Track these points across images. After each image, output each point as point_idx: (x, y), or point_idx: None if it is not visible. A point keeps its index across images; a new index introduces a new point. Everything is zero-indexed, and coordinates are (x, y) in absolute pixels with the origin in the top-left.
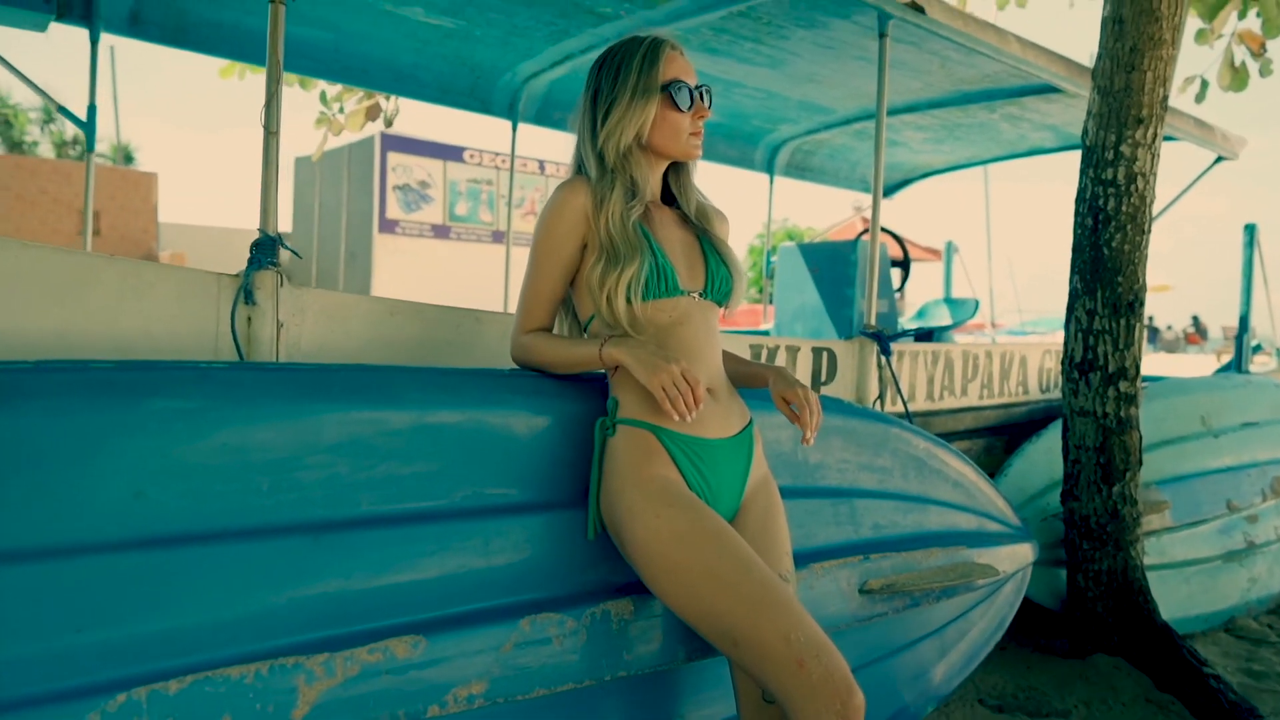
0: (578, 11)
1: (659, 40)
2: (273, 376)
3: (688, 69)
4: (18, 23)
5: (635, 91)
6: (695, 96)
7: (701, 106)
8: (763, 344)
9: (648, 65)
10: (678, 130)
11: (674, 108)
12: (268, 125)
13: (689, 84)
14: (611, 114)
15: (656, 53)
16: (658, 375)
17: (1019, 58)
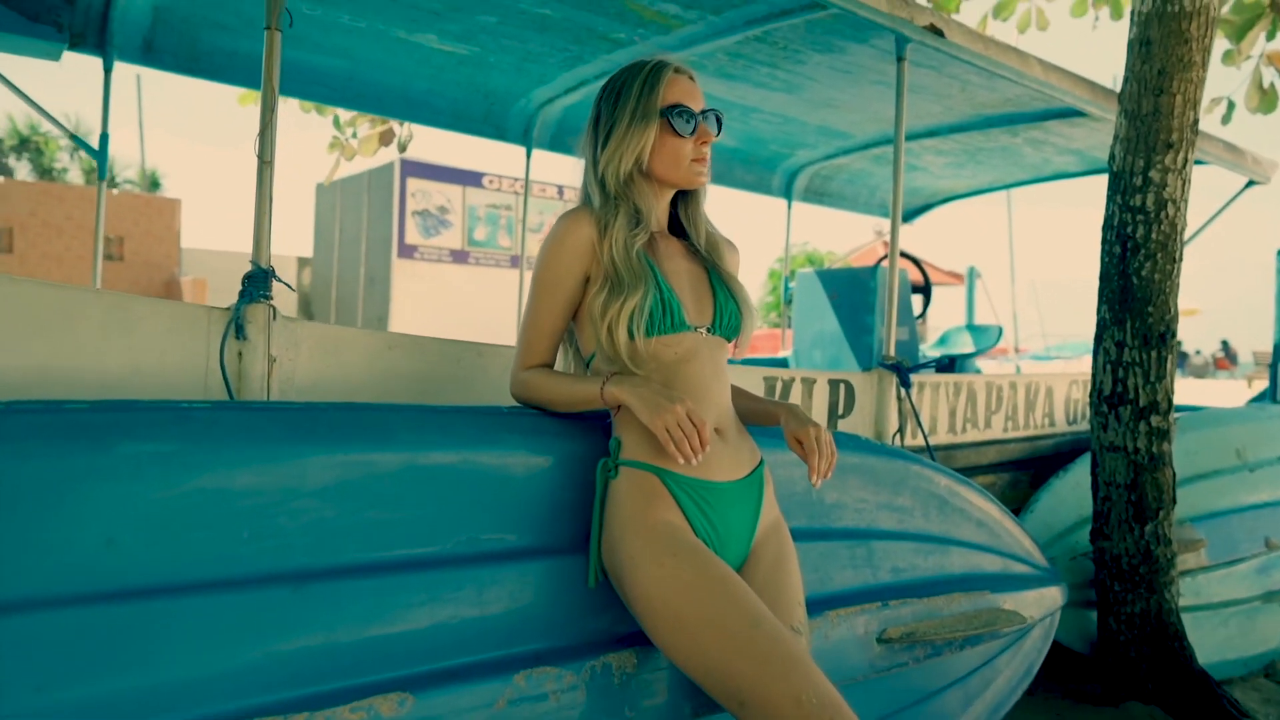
0: (591, 38)
1: (662, 64)
2: (255, 417)
3: (692, 93)
4: (32, 52)
5: (634, 116)
6: (698, 121)
7: (706, 132)
8: (778, 376)
9: (647, 90)
10: (678, 156)
11: (674, 133)
12: (261, 154)
13: (692, 108)
14: (610, 140)
15: (657, 77)
16: (661, 416)
17: (1041, 81)
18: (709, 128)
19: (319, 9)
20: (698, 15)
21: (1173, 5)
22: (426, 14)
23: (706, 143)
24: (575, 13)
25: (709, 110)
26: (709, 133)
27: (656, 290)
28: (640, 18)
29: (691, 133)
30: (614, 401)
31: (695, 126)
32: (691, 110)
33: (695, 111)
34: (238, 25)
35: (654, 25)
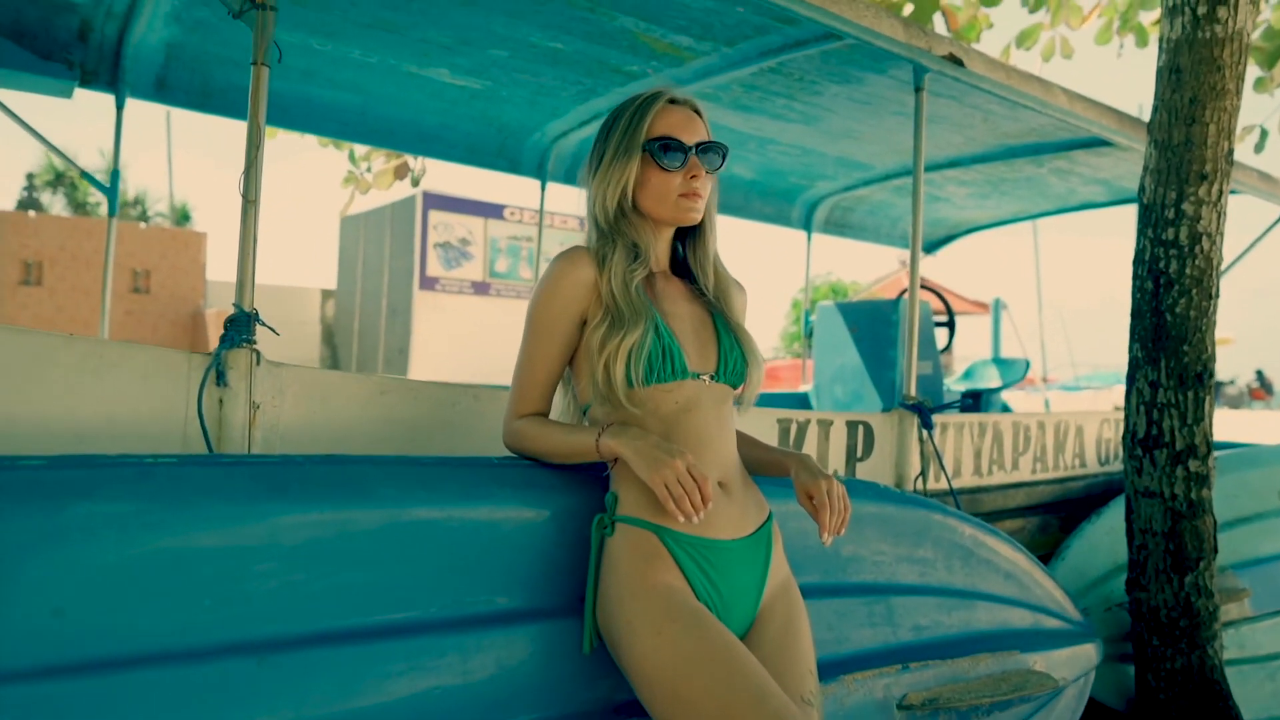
0: (604, 70)
1: (655, 94)
2: (223, 472)
3: (686, 124)
4: (44, 90)
5: (618, 149)
6: (689, 155)
7: (696, 166)
8: (792, 418)
9: (635, 121)
10: (664, 191)
11: (658, 167)
12: (246, 192)
13: (683, 140)
14: (597, 173)
15: (646, 108)
16: (660, 471)
17: (1065, 110)
18: (702, 162)
19: (330, 44)
20: (711, 47)
21: (1204, 31)
22: (437, 48)
23: (696, 177)
24: (587, 46)
25: (706, 143)
26: (699, 167)
27: (655, 333)
28: (653, 50)
29: (679, 166)
30: (609, 454)
31: (685, 160)
32: (680, 142)
33: (687, 144)
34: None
35: (667, 58)
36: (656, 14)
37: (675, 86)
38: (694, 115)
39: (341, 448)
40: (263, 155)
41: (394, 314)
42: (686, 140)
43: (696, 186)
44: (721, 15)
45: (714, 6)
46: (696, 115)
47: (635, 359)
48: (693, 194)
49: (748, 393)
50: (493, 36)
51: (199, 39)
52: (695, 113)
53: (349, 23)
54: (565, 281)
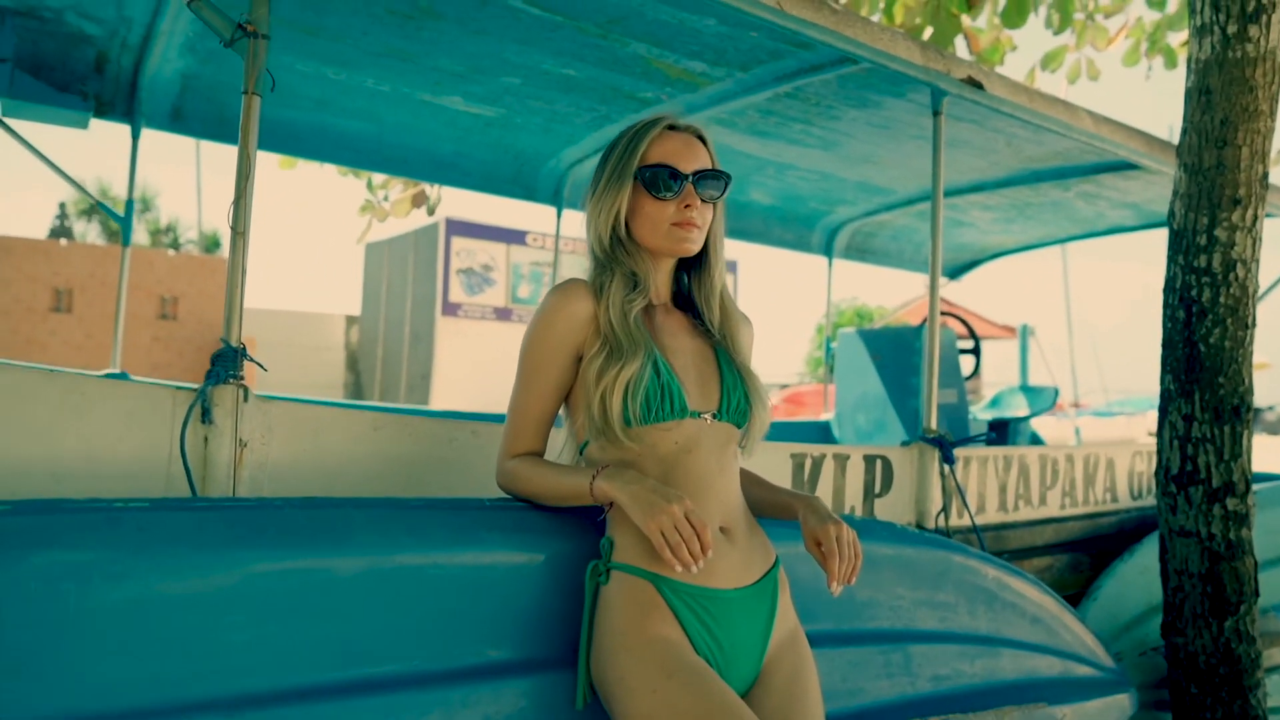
0: (618, 97)
1: (653, 120)
2: (195, 518)
3: (683, 151)
4: (59, 120)
5: (610, 176)
6: (684, 183)
7: (691, 194)
8: (806, 453)
9: (630, 148)
10: (655, 220)
11: (649, 195)
12: (235, 224)
13: (678, 168)
14: (592, 201)
15: (642, 134)
16: (656, 517)
17: (1091, 133)
18: (698, 190)
19: (344, 73)
20: (725, 72)
21: (1234, 51)
22: (450, 76)
23: (691, 206)
24: (600, 72)
25: (705, 171)
26: (694, 196)
27: (653, 368)
28: (667, 76)
29: (672, 194)
30: (604, 498)
31: (679, 188)
32: (674, 169)
33: (682, 171)
34: (264, 93)
35: (681, 83)
36: (669, 40)
37: (688, 113)
38: (694, 142)
39: (333, 486)
40: (253, 186)
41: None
42: (683, 167)
43: (691, 216)
44: (735, 40)
45: (727, 32)
46: (699, 142)
47: (633, 393)
48: (687, 223)
49: (751, 435)
50: (505, 64)
51: (213, 69)
52: (699, 140)
53: (361, 52)
54: (560, 315)
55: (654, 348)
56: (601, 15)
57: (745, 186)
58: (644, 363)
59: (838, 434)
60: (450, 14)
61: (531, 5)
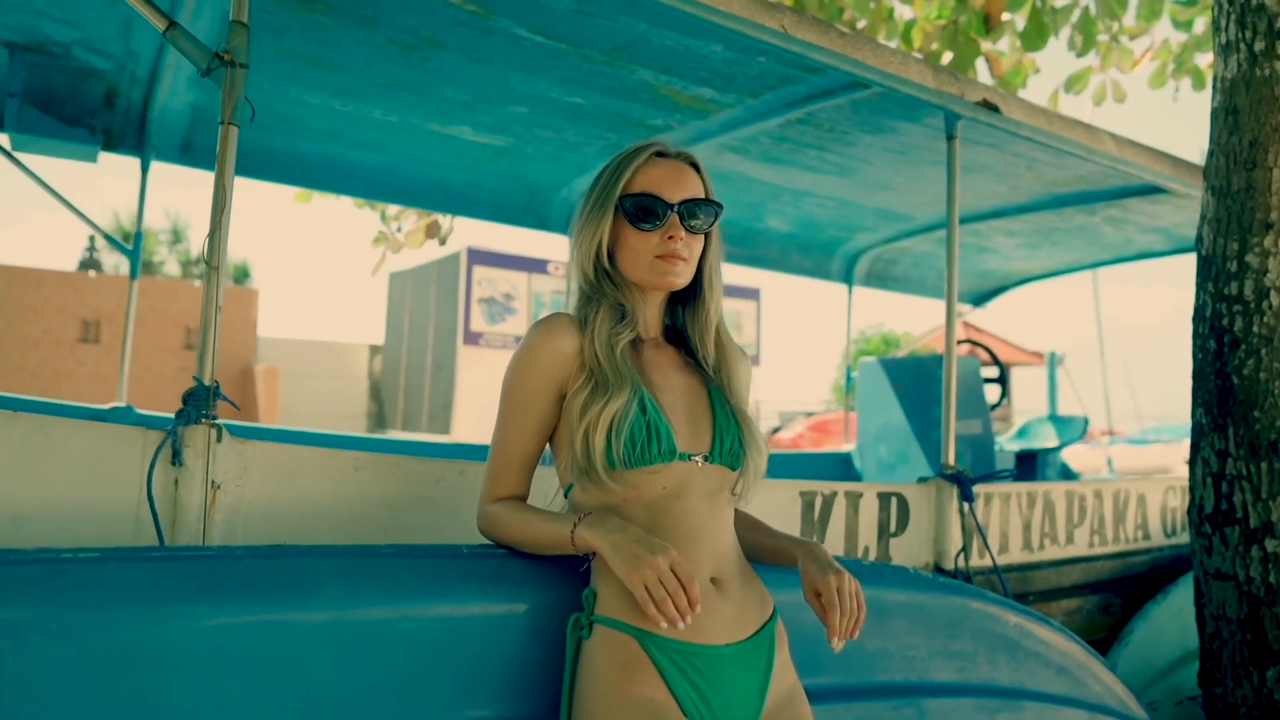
0: (627, 125)
1: (641, 146)
2: (147, 568)
3: (670, 179)
4: (68, 154)
5: (592, 206)
6: (670, 213)
7: (676, 225)
8: (816, 490)
9: (614, 176)
10: (638, 252)
11: (631, 225)
12: (209, 258)
13: (663, 197)
14: (574, 231)
15: (627, 161)
16: (639, 570)
17: (1114, 157)
18: (684, 221)
19: (351, 104)
20: (735, 99)
21: (1262, 69)
22: (457, 106)
23: (675, 238)
24: (608, 100)
25: (692, 201)
26: (678, 226)
27: (639, 407)
28: (675, 103)
29: (654, 225)
30: (585, 547)
31: (662, 218)
32: (658, 199)
33: (667, 200)
34: (273, 124)
35: (690, 110)
36: (675, 66)
37: (699, 140)
38: (684, 169)
39: (312, 530)
40: (229, 218)
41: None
42: (668, 196)
43: (675, 248)
44: (743, 66)
45: (734, 57)
46: (689, 170)
47: (617, 431)
48: (671, 256)
49: (746, 481)
50: (511, 93)
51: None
52: (691, 167)
53: (367, 83)
54: (542, 352)
55: (640, 384)
56: (605, 42)
57: (761, 214)
58: (630, 399)
59: (859, 466)
60: (453, 43)
61: (534, 33)
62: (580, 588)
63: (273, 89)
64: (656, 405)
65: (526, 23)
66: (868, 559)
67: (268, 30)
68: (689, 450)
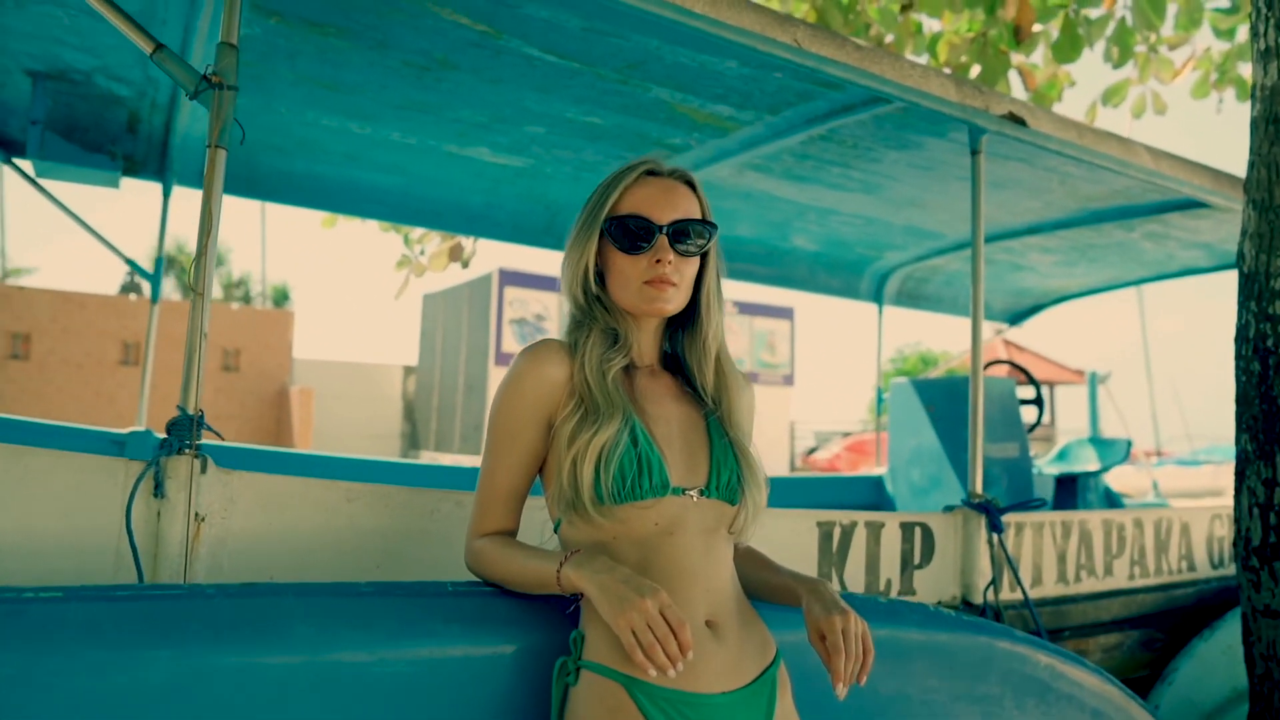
0: (645, 144)
1: (632, 165)
2: (109, 609)
3: (660, 199)
4: (90, 180)
5: (580, 229)
6: (658, 235)
7: (664, 248)
8: (835, 520)
9: (602, 197)
10: (627, 277)
11: (617, 249)
12: (195, 284)
13: (651, 219)
14: (564, 254)
15: (616, 181)
16: (626, 613)
17: (1150, 170)
18: (673, 243)
19: (369, 127)
20: (754, 116)
21: None
22: (473, 127)
23: (662, 261)
24: (625, 119)
25: (682, 222)
26: (667, 250)
27: (630, 437)
28: (693, 121)
29: (642, 249)
30: (571, 588)
31: (650, 241)
32: (645, 220)
33: (656, 222)
34: (292, 147)
35: (709, 128)
36: (690, 84)
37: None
38: (677, 189)
39: (302, 564)
40: (215, 243)
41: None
42: (657, 218)
43: (664, 273)
44: (760, 83)
45: (750, 74)
46: (684, 188)
47: (605, 462)
48: (659, 281)
49: (744, 518)
50: (527, 113)
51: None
52: (686, 185)
53: (383, 105)
54: (530, 379)
55: (632, 413)
56: (618, 60)
57: (787, 233)
58: (620, 428)
59: (891, 490)
60: (465, 64)
61: (546, 53)
62: (570, 629)
63: (290, 113)
64: (649, 436)
65: (537, 42)
66: (890, 593)
67: (282, 54)
68: (683, 484)
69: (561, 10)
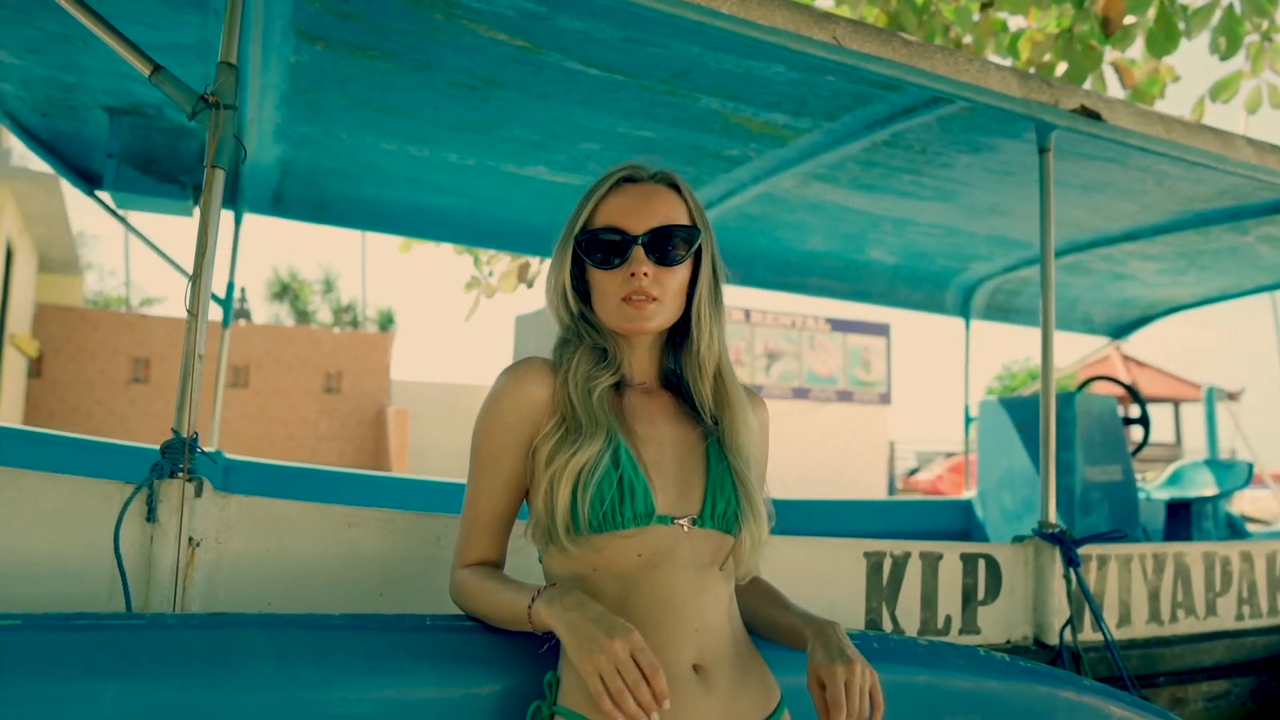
0: (703, 157)
1: (609, 173)
2: (62, 640)
3: (636, 208)
4: (164, 210)
5: (557, 246)
6: (628, 247)
7: (639, 259)
8: (885, 550)
9: (578, 210)
10: (605, 294)
11: (591, 264)
12: (191, 307)
13: (625, 229)
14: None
15: (590, 192)
16: (592, 657)
17: (1256, 166)
18: (649, 254)
19: (426, 149)
20: (811, 123)
21: None
22: (528, 146)
23: (636, 275)
24: (677, 131)
25: (661, 229)
26: (642, 262)
27: (612, 459)
28: (749, 131)
29: (615, 264)
30: (542, 626)
31: (624, 254)
32: (618, 232)
33: (630, 233)
34: (357, 172)
35: (766, 138)
36: (740, 91)
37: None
38: (657, 193)
39: (299, 591)
40: (212, 264)
41: None
42: (631, 227)
43: (640, 286)
44: (812, 87)
45: (800, 78)
46: (666, 192)
47: (583, 487)
48: (637, 299)
49: (739, 553)
50: (578, 129)
51: (307, 154)
52: (670, 188)
53: (438, 126)
54: (509, 400)
55: (618, 433)
56: (663, 70)
57: (862, 245)
58: (602, 449)
59: (980, 515)
60: (510, 82)
61: (587, 65)
62: (549, 665)
63: (350, 138)
64: (634, 458)
65: (576, 55)
66: (950, 632)
67: (333, 80)
68: (672, 512)
69: (596, 21)
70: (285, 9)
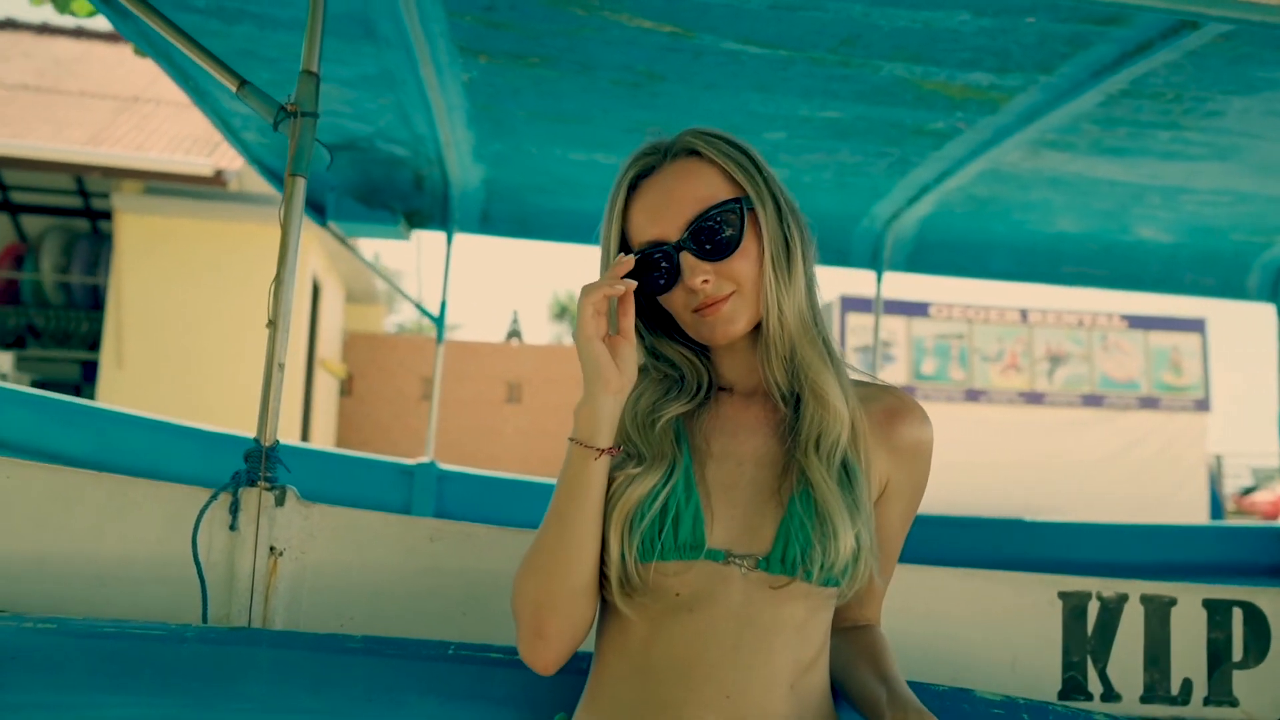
0: (905, 134)
1: (620, 176)
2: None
3: (662, 208)
4: (383, 234)
5: (603, 258)
6: (671, 260)
7: (694, 267)
8: (1090, 591)
9: (607, 229)
10: (675, 311)
11: (647, 292)
12: (272, 316)
13: (661, 239)
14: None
15: (611, 205)
16: None
17: None
18: (698, 256)
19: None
20: (1023, 79)
21: None
22: None
23: (695, 287)
24: (867, 108)
25: (699, 219)
26: (697, 269)
27: (665, 486)
28: (949, 98)
29: (670, 284)
30: (585, 434)
31: (673, 270)
32: (656, 245)
33: (666, 241)
34: (554, 186)
35: (972, 105)
36: (924, 52)
37: (997, 139)
38: (677, 176)
39: (380, 603)
40: (294, 273)
41: None
42: (667, 234)
43: (706, 294)
44: (1012, 34)
45: (994, 25)
46: (689, 164)
47: (643, 510)
48: (707, 309)
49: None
50: (758, 117)
51: (509, 172)
52: (692, 156)
53: (613, 129)
54: None
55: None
56: (828, 37)
57: (1125, 223)
58: (666, 477)
59: None
60: (671, 73)
61: (743, 44)
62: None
63: (538, 150)
64: (691, 479)
65: (729, 33)
66: (1189, 700)
67: (505, 92)
68: (730, 547)
69: None
70: (442, 26)
